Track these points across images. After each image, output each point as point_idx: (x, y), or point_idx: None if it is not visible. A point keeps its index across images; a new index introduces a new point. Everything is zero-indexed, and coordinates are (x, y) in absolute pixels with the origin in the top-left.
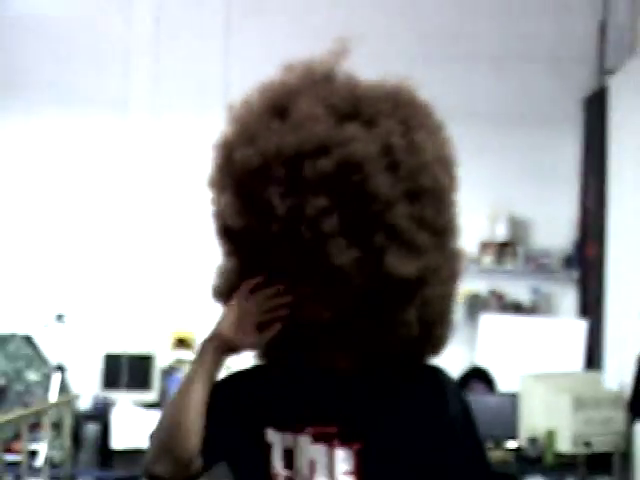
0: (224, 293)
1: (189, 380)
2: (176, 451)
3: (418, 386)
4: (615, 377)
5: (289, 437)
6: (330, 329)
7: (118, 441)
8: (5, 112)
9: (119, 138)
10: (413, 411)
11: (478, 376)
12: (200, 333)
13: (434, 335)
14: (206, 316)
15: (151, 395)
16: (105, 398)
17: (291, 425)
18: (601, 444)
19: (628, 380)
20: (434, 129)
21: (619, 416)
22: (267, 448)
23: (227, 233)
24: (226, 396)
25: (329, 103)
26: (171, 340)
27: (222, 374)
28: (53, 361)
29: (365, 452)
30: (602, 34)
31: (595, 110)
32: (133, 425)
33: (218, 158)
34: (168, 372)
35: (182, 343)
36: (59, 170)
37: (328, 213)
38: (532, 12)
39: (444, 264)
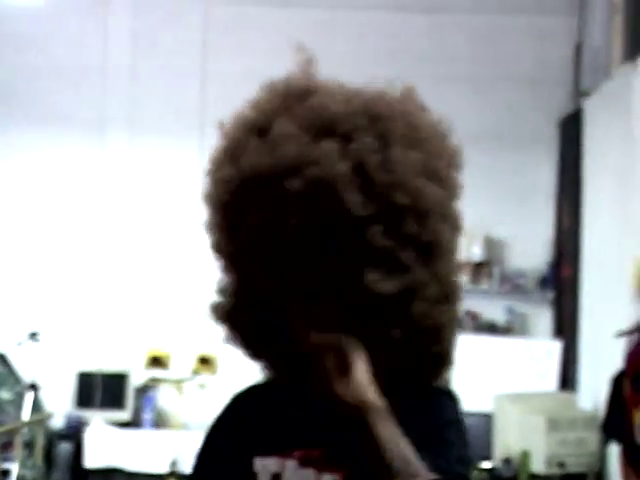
0: (220, 309)
1: None
2: None
3: (410, 409)
4: (589, 397)
5: (276, 462)
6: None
7: (92, 460)
8: None
9: (96, 156)
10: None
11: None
12: (175, 352)
13: (430, 355)
14: (181, 335)
15: (125, 414)
16: (78, 417)
17: (278, 449)
18: (575, 465)
19: (602, 400)
20: (418, 141)
21: (593, 437)
22: (253, 479)
23: (220, 251)
24: (221, 428)
25: (304, 121)
26: (145, 358)
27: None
28: (26, 379)
29: (350, 476)
30: (578, 57)
31: (570, 131)
32: (107, 444)
33: (209, 175)
34: (142, 390)
35: (157, 361)
36: (35, 188)
37: (303, 232)
38: (510, 35)
39: (431, 281)
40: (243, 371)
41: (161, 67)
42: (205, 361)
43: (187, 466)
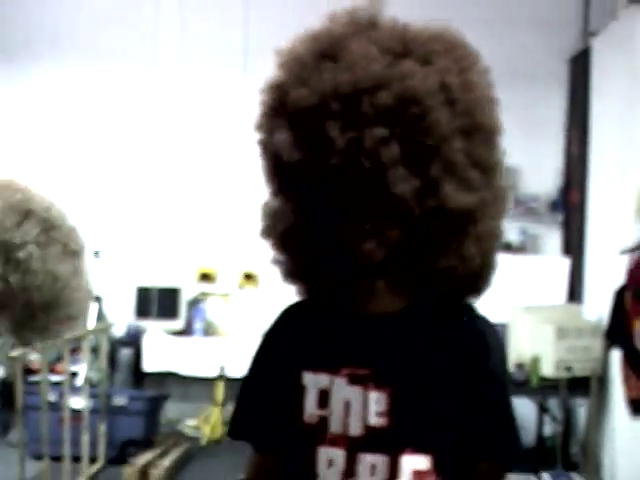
0: (271, 232)
1: None
2: None
3: (458, 333)
4: (594, 309)
5: (325, 378)
6: (379, 270)
7: (149, 364)
8: (53, 62)
9: (149, 89)
10: (449, 357)
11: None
12: (222, 268)
13: (480, 274)
14: (227, 253)
15: (178, 324)
16: (137, 326)
17: (328, 366)
18: (580, 369)
19: (606, 311)
20: (482, 71)
21: (597, 344)
22: (301, 391)
23: (281, 169)
24: (272, 339)
25: (380, 44)
26: (196, 274)
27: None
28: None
29: (397, 395)
30: (587, 2)
31: (579, 68)
32: (162, 350)
33: (268, 100)
34: (193, 303)
35: (206, 277)
36: (94, 116)
37: (387, 143)
38: None
39: (493, 201)
40: (282, 286)
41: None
42: (249, 277)
43: (234, 371)
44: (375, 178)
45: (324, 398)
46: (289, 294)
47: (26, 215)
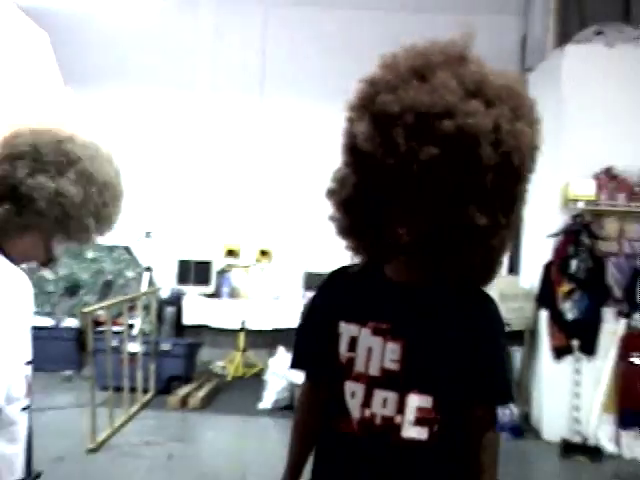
0: (335, 194)
1: None
2: None
3: (466, 301)
4: (528, 279)
5: (355, 328)
6: (406, 250)
7: (188, 319)
8: (119, 84)
9: (188, 106)
10: (456, 321)
11: None
12: (243, 246)
13: (489, 270)
14: (248, 234)
15: (210, 288)
16: (179, 290)
17: (358, 319)
18: (517, 324)
19: (536, 281)
20: (533, 122)
21: (529, 306)
22: (338, 337)
23: (354, 151)
24: (320, 294)
25: (460, 79)
26: (223, 251)
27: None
28: (144, 264)
29: (409, 346)
30: (524, 44)
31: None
32: (198, 308)
33: (363, 92)
34: (221, 273)
35: (231, 253)
36: (147, 127)
37: (436, 160)
38: (474, 28)
39: (506, 225)
40: (289, 261)
41: (233, 41)
42: (264, 253)
43: (252, 325)
44: (420, 183)
45: (353, 344)
46: (295, 267)
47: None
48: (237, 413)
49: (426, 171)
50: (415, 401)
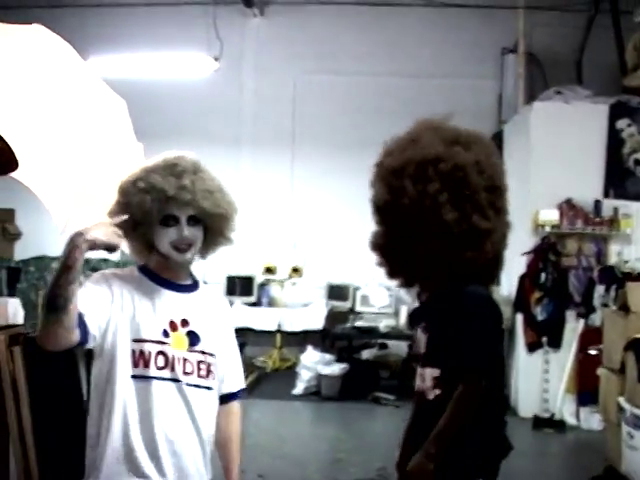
0: (376, 247)
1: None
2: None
3: (455, 299)
4: (507, 288)
5: (416, 330)
6: (429, 274)
7: (235, 323)
8: (177, 139)
9: (235, 156)
10: (448, 313)
11: None
12: (279, 264)
13: (492, 269)
14: (282, 255)
15: (252, 298)
16: (228, 300)
17: (416, 324)
18: None
19: (514, 289)
20: (497, 156)
21: (508, 310)
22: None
23: (378, 209)
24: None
25: (442, 137)
26: (263, 268)
27: None
28: (199, 279)
29: (429, 336)
30: (500, 101)
31: (496, 143)
32: (243, 314)
33: (375, 168)
34: (262, 286)
35: (269, 270)
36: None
37: (441, 192)
38: (460, 91)
39: (500, 227)
40: (315, 275)
41: (271, 105)
42: (295, 270)
43: (287, 327)
44: (432, 211)
45: (414, 340)
46: (319, 280)
47: None
48: (275, 398)
49: (436, 200)
50: (430, 373)
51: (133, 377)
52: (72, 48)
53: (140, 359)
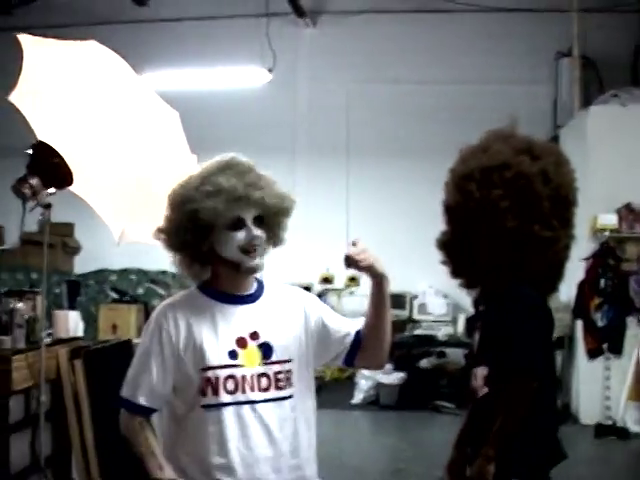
0: (442, 245)
1: None
2: None
3: (501, 303)
4: (566, 294)
5: (473, 336)
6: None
7: None
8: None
9: (289, 171)
10: (494, 316)
11: None
12: (336, 274)
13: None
14: (339, 265)
15: None
16: None
17: (474, 330)
18: (558, 332)
19: (573, 295)
20: (569, 167)
21: (567, 316)
22: None
23: (447, 209)
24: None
25: (512, 146)
26: (319, 278)
27: None
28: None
29: (481, 336)
30: (555, 106)
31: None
32: None
33: (449, 171)
34: (320, 295)
35: (326, 280)
36: None
37: (503, 198)
38: (516, 95)
39: (564, 237)
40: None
41: (324, 115)
42: (353, 279)
43: None
44: (493, 216)
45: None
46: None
47: None
48: (334, 407)
49: (498, 206)
50: (480, 372)
51: (203, 407)
52: (126, 63)
53: (208, 387)
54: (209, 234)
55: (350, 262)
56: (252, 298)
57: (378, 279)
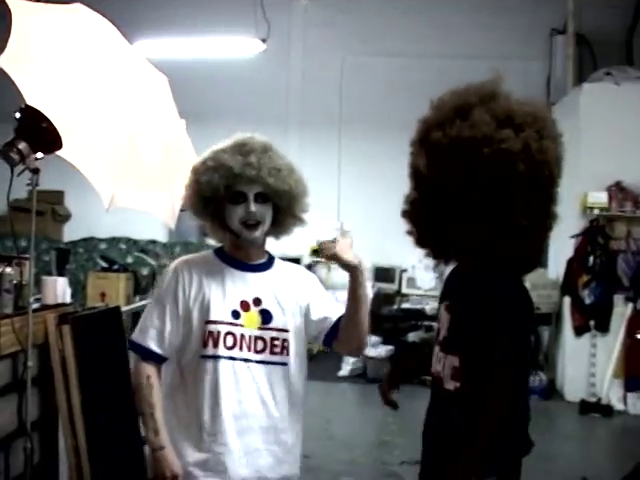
0: (407, 213)
1: None
2: None
3: (481, 288)
4: (554, 271)
5: (441, 306)
6: (463, 251)
7: None
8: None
9: (282, 136)
10: (472, 301)
11: None
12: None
13: (532, 258)
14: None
15: None
16: None
17: (442, 301)
18: (545, 308)
19: (561, 273)
20: (556, 137)
21: (555, 293)
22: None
23: (417, 177)
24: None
25: (493, 113)
26: (310, 250)
27: None
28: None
29: (452, 318)
30: (548, 83)
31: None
32: None
33: (420, 131)
34: (308, 267)
35: (315, 252)
36: None
37: (480, 177)
38: (508, 72)
39: (545, 220)
40: (362, 257)
41: (318, 85)
42: None
43: None
44: (469, 195)
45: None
46: (367, 263)
47: None
48: (322, 380)
49: (470, 189)
50: (450, 361)
51: (202, 357)
52: (114, 28)
53: (209, 339)
54: (217, 205)
55: (318, 252)
56: (261, 268)
57: (352, 272)
